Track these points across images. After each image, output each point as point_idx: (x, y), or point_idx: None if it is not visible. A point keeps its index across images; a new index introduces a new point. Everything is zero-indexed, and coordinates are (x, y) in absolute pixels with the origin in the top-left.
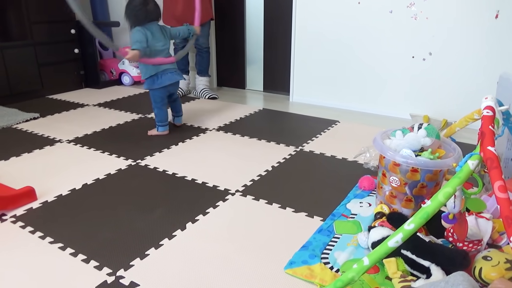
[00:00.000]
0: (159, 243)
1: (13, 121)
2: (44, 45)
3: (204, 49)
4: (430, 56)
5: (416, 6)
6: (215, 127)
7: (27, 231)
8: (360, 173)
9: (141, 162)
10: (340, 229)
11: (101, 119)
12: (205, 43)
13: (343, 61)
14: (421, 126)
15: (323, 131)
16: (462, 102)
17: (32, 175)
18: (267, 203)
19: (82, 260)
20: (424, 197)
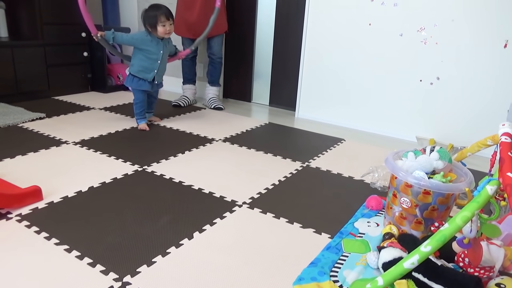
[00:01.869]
0: (166, 251)
1: (19, 120)
2: (54, 46)
3: (217, 59)
4: (438, 81)
5: (426, 31)
6: (221, 138)
7: (33, 231)
8: (367, 193)
9: (147, 168)
10: (349, 247)
11: (107, 123)
12: (218, 53)
13: (350, 80)
14: (434, 149)
15: (329, 149)
16: (468, 128)
17: (38, 175)
18: (274, 217)
19: (88, 264)
20: (434, 220)
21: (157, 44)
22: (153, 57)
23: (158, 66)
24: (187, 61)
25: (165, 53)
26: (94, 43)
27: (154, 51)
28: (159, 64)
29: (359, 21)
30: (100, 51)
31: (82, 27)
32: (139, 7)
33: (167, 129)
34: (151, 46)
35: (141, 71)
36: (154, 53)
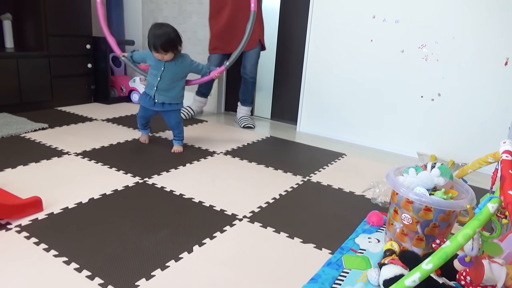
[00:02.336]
0: (165, 264)
1: (22, 130)
2: (59, 58)
3: (250, 79)
4: (439, 97)
5: (428, 48)
6: (222, 151)
7: (32, 242)
8: (367, 208)
9: (148, 180)
10: (349, 263)
11: (109, 134)
12: (252, 73)
13: (352, 95)
14: (435, 165)
15: (330, 163)
16: (469, 145)
17: (38, 185)
18: (274, 231)
19: (86, 277)
20: (436, 237)
21: (158, 61)
22: (153, 73)
23: (157, 83)
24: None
25: (167, 72)
26: (98, 54)
27: (155, 67)
28: (158, 81)
29: (361, 37)
30: (104, 62)
31: (87, 39)
32: (143, 20)
33: (168, 141)
34: (153, 61)
35: (146, 86)
36: (155, 69)
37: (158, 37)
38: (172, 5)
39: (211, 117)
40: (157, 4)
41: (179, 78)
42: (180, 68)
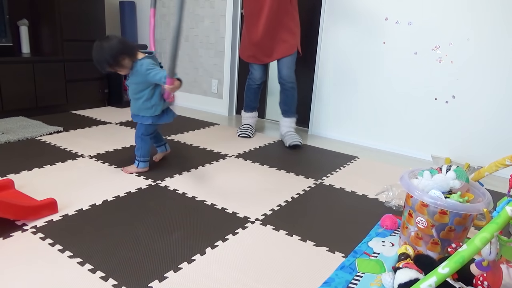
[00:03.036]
0: (178, 266)
1: (37, 133)
2: (73, 62)
3: (288, 84)
4: (453, 99)
5: (441, 50)
6: (234, 153)
7: (47, 243)
8: (381, 211)
9: (161, 182)
10: (363, 267)
11: (122, 137)
12: (289, 77)
13: (364, 98)
14: (450, 168)
15: (342, 166)
16: (485, 147)
17: (53, 187)
18: (287, 234)
19: (100, 278)
20: (451, 241)
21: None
22: None
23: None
24: (253, 88)
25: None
26: None
27: None
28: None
29: (374, 39)
30: None
31: None
32: (156, 25)
33: (181, 144)
34: None
35: None
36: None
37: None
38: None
39: (222, 120)
40: (169, 8)
41: (141, 88)
42: (137, 77)
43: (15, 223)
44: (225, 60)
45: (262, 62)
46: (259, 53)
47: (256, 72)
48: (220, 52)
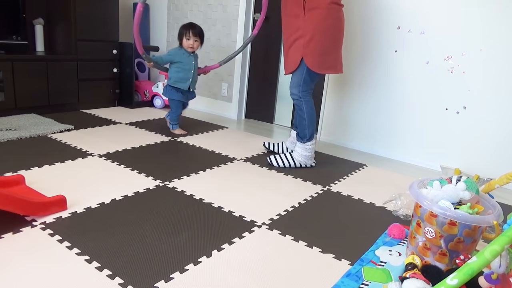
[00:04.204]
0: (184, 267)
1: (49, 131)
2: (86, 62)
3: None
4: (464, 110)
5: (454, 60)
6: (242, 157)
7: (55, 239)
8: (388, 220)
9: (169, 184)
10: (369, 276)
11: (132, 137)
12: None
13: (373, 106)
14: (460, 179)
15: (350, 173)
16: (495, 159)
17: (63, 184)
18: (293, 239)
19: (107, 276)
20: (460, 253)
21: (188, 56)
22: (186, 68)
23: (192, 75)
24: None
25: (196, 64)
26: (124, 60)
27: (186, 62)
28: (192, 73)
29: (385, 47)
30: (129, 67)
31: (113, 44)
32: (168, 27)
33: (189, 146)
34: (183, 58)
35: (177, 82)
36: (186, 64)
37: (191, 25)
38: (197, 13)
39: (231, 123)
40: (182, 11)
41: (197, 68)
42: (197, 60)
43: (25, 218)
44: (236, 64)
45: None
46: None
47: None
48: None
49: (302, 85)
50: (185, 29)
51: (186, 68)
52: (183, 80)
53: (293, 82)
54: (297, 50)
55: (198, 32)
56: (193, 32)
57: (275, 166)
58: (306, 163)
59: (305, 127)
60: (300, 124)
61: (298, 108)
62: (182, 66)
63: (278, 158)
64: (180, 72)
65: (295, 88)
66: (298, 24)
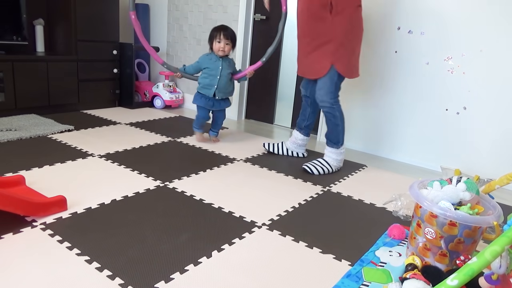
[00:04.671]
0: (184, 268)
1: (49, 131)
2: (86, 62)
3: (323, 108)
4: (464, 111)
5: (454, 60)
6: (242, 158)
7: (55, 240)
8: (388, 221)
9: (169, 184)
10: (369, 276)
11: (132, 138)
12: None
13: (374, 106)
14: (460, 180)
15: (350, 174)
16: (495, 160)
17: (63, 185)
18: (293, 240)
19: (107, 276)
20: (460, 253)
21: (215, 62)
22: (212, 73)
23: (217, 81)
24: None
25: (224, 70)
26: (124, 60)
27: (213, 68)
28: (218, 80)
29: (385, 48)
30: (129, 68)
31: (114, 44)
32: (168, 27)
33: (190, 146)
34: (209, 64)
35: (202, 88)
36: (213, 70)
37: (222, 27)
38: (198, 13)
39: (231, 124)
40: (182, 12)
41: (230, 76)
42: (230, 67)
43: (25, 219)
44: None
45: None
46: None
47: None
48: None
49: (334, 91)
50: (215, 31)
51: (212, 74)
52: (208, 86)
53: (323, 90)
54: (325, 56)
55: (230, 35)
56: (224, 34)
57: (315, 174)
58: (338, 166)
59: (339, 133)
60: (334, 130)
61: (331, 115)
62: (208, 71)
63: (315, 166)
64: (206, 78)
65: (326, 95)
66: (323, 28)
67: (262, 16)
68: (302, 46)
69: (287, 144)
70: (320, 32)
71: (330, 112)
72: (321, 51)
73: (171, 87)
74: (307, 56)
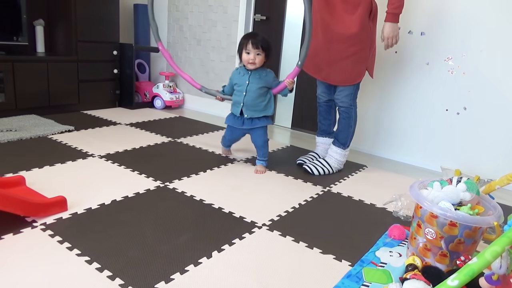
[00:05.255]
0: (184, 268)
1: (49, 132)
2: (87, 63)
3: (340, 108)
4: (464, 111)
5: (454, 61)
6: (243, 158)
7: (56, 240)
8: (389, 221)
9: (169, 184)
10: (370, 277)
11: (132, 138)
12: (340, 101)
13: (374, 107)
14: (460, 180)
15: (350, 174)
16: (496, 160)
17: (63, 185)
18: (294, 240)
19: (107, 277)
20: (460, 254)
21: (243, 76)
22: (239, 89)
23: (243, 97)
24: (321, 106)
25: (252, 84)
26: (124, 61)
27: (240, 83)
28: (244, 96)
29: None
30: (130, 68)
31: (114, 45)
32: (168, 28)
33: (190, 147)
34: (237, 79)
35: (232, 105)
36: (240, 85)
37: (251, 35)
38: (198, 14)
39: None
40: (182, 12)
41: (264, 91)
42: (263, 81)
43: (25, 219)
44: (236, 65)
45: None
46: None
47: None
48: (231, 57)
49: (354, 93)
50: (244, 39)
51: (239, 89)
52: (236, 104)
53: (346, 92)
54: (361, 63)
55: (260, 43)
56: (254, 43)
57: (315, 174)
58: (339, 168)
59: (349, 135)
60: (345, 131)
61: (347, 115)
62: (237, 87)
63: (316, 166)
64: (235, 96)
65: (347, 97)
66: (364, 35)
67: (262, 16)
68: (331, 52)
69: (323, 155)
70: (358, 40)
71: (347, 112)
72: (357, 58)
73: (171, 87)
74: (337, 63)
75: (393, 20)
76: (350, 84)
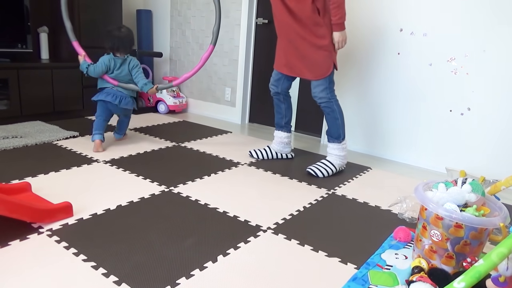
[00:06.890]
0: (190, 273)
1: (54, 138)
2: None
3: (321, 104)
4: (468, 111)
5: (457, 61)
6: (246, 162)
7: (62, 246)
8: (394, 223)
9: (174, 189)
10: (376, 279)
11: (137, 143)
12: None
13: (378, 108)
14: (466, 181)
15: (355, 176)
16: (501, 161)
17: (69, 191)
18: (299, 244)
19: (114, 282)
20: (467, 256)
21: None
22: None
23: None
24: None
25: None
26: None
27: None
28: None
29: (388, 50)
30: None
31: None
32: (171, 33)
33: (194, 151)
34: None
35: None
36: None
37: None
38: (200, 18)
39: (235, 128)
40: (185, 17)
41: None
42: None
43: (32, 225)
44: (239, 68)
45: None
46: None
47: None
48: (234, 60)
49: (329, 86)
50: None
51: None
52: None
53: (318, 87)
54: (329, 56)
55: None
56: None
57: (320, 177)
58: (343, 164)
59: (339, 127)
60: (333, 125)
61: (329, 110)
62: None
63: (319, 168)
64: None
65: (322, 92)
66: (321, 31)
67: (265, 20)
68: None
69: (273, 146)
70: (320, 35)
71: (328, 106)
72: (324, 52)
73: (174, 92)
74: (304, 58)
75: (339, 29)
76: (324, 76)
